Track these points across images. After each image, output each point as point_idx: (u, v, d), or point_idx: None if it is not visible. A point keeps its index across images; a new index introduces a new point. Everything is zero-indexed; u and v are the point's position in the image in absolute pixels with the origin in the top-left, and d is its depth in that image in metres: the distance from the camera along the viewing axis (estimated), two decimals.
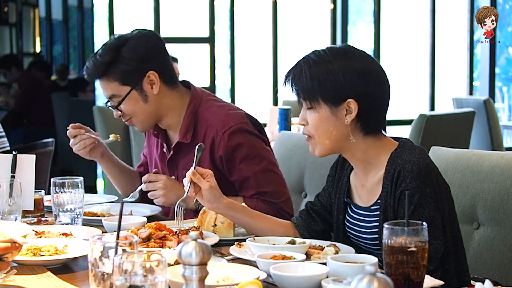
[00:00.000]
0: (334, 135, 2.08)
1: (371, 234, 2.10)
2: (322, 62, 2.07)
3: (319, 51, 2.11)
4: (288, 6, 8.22)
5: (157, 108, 2.67)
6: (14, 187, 2.29)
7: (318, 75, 2.05)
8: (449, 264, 1.99)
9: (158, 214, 2.68)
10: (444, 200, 2.03)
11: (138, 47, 2.63)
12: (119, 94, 2.63)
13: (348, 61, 2.07)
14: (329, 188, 2.27)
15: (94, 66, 2.63)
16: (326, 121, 2.07)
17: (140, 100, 2.64)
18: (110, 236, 1.62)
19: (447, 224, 2.01)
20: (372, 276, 1.26)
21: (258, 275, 1.69)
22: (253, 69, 8.32)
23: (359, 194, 2.17)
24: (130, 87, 2.63)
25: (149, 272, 1.33)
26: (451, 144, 3.40)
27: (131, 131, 5.08)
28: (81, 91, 7.80)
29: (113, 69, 2.61)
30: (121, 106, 2.65)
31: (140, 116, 2.67)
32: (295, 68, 2.12)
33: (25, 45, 7.95)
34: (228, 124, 2.61)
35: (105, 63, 2.61)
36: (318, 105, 2.06)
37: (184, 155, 2.69)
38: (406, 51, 8.68)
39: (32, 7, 7.91)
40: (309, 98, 2.07)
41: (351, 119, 2.06)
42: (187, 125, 2.66)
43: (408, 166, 2.00)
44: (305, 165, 3.01)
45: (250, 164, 2.61)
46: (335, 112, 2.06)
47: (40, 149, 3.74)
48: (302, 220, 2.28)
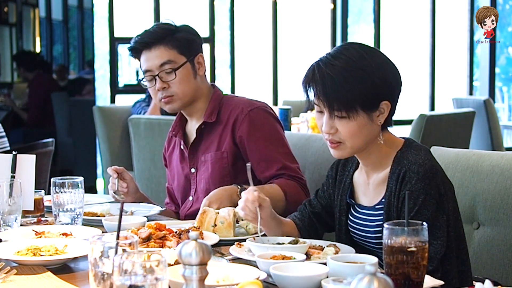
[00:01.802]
0: (368, 138, 2.05)
1: (375, 233, 2.10)
2: (355, 71, 1.99)
3: (339, 56, 2.02)
4: (288, 6, 8.22)
5: (198, 88, 2.78)
6: (14, 187, 2.29)
7: (358, 86, 1.98)
8: (450, 265, 1.98)
9: (158, 214, 2.68)
10: (449, 200, 2.03)
11: (193, 28, 2.83)
12: (176, 61, 2.72)
13: (376, 63, 2.03)
14: (329, 189, 2.26)
15: (153, 32, 2.75)
16: (364, 128, 2.02)
17: (191, 74, 2.76)
18: (110, 236, 1.62)
19: (451, 225, 2.01)
20: (372, 276, 1.26)
21: (258, 275, 1.69)
22: (253, 69, 8.32)
23: (364, 193, 2.16)
24: (185, 58, 2.74)
25: (149, 272, 1.33)
26: (451, 144, 3.40)
27: (131, 131, 5.08)
28: (81, 91, 7.80)
29: (174, 36, 2.74)
30: (175, 73, 2.71)
31: (185, 90, 2.73)
32: (323, 78, 2.00)
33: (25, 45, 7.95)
34: (254, 104, 2.75)
35: (166, 29, 2.75)
36: (355, 114, 2.00)
37: (207, 136, 2.77)
38: (406, 51, 8.68)
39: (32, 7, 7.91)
40: (345, 109, 2.00)
41: (384, 118, 2.05)
42: (212, 107, 2.77)
43: (414, 168, 1.99)
44: (305, 165, 3.01)
45: (274, 143, 2.70)
46: (371, 116, 2.03)
47: (40, 149, 3.74)
48: (304, 224, 2.28)
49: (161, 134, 4.82)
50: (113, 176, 2.73)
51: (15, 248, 1.99)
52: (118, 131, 5.62)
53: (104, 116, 5.60)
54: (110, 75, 7.15)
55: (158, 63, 2.71)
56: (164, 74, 2.71)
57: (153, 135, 4.94)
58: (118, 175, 2.73)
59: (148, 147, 4.98)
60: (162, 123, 4.81)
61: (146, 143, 4.98)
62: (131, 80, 7.35)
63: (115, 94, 7.13)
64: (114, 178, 2.72)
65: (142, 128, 4.99)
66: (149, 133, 4.97)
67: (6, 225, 2.28)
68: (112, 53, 7.08)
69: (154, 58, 2.71)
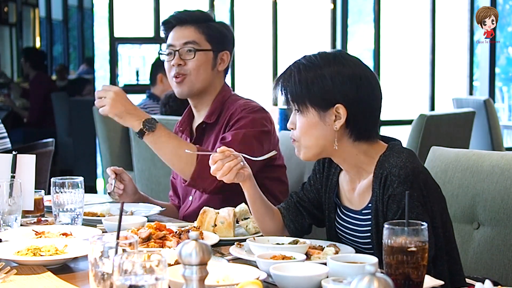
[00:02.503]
0: (320, 140, 2.08)
1: (363, 238, 2.11)
2: (311, 67, 2.08)
3: (310, 56, 2.12)
4: (288, 6, 8.22)
5: (211, 82, 2.78)
6: (14, 187, 2.29)
7: (307, 79, 2.07)
8: (442, 265, 1.99)
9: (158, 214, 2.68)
10: (435, 201, 2.03)
11: (230, 27, 2.87)
12: (200, 44, 2.75)
13: (338, 66, 2.07)
14: (317, 184, 2.26)
15: (191, 12, 2.79)
16: (314, 126, 2.07)
17: (210, 63, 2.78)
18: (110, 236, 1.62)
19: (438, 225, 2.01)
20: (372, 276, 1.26)
21: (258, 275, 1.69)
22: (253, 69, 8.32)
23: (350, 198, 2.17)
24: (211, 47, 2.77)
25: (149, 272, 1.33)
26: (451, 144, 3.40)
27: (131, 131, 5.08)
28: (81, 91, 7.80)
29: (209, 23, 2.78)
30: (195, 54, 2.73)
31: (198, 74, 2.75)
32: (285, 72, 2.14)
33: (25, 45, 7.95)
34: (249, 107, 2.72)
35: (205, 14, 2.80)
36: (306, 109, 2.07)
37: (206, 137, 2.78)
38: (406, 51, 8.67)
39: (32, 7, 7.91)
40: (297, 102, 2.08)
41: (340, 124, 2.06)
42: (214, 108, 2.77)
43: (395, 171, 2.00)
44: (305, 165, 3.01)
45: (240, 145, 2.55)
46: (323, 117, 2.06)
47: (40, 149, 3.74)
48: (289, 213, 2.27)
49: None
50: (111, 176, 2.73)
51: (15, 248, 1.99)
52: (118, 131, 5.61)
53: (104, 116, 5.59)
54: (110, 75, 7.15)
55: (183, 40, 2.75)
56: (185, 52, 2.75)
57: None
58: (116, 175, 2.73)
59: (148, 147, 4.95)
60: (162, 123, 4.80)
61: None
62: (131, 80, 7.36)
63: None
64: (111, 179, 2.72)
65: None
66: None
67: (6, 225, 2.28)
68: (112, 53, 7.08)
69: (182, 35, 2.75)
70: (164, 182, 4.75)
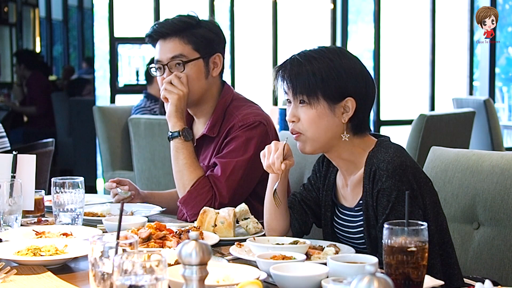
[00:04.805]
0: (328, 132, 2.09)
1: (357, 233, 2.13)
2: (323, 59, 2.07)
3: (313, 49, 2.12)
4: (288, 6, 8.22)
5: (207, 90, 2.71)
6: (14, 187, 2.29)
7: (321, 71, 2.06)
8: (434, 259, 1.98)
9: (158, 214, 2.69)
10: (426, 194, 2.04)
11: (217, 26, 2.75)
12: (188, 56, 2.66)
13: (347, 60, 2.10)
14: (318, 183, 2.28)
15: (172, 23, 2.68)
16: (323, 118, 2.08)
17: (203, 72, 2.69)
18: (110, 236, 1.62)
19: (430, 218, 2.02)
20: (372, 276, 1.26)
21: (258, 275, 1.69)
22: (253, 69, 8.32)
23: (344, 195, 2.19)
24: (199, 55, 2.67)
25: (149, 272, 1.33)
26: (451, 144, 3.40)
27: (131, 131, 5.09)
28: (81, 91, 7.81)
29: (192, 31, 2.68)
30: (184, 67, 2.65)
31: (193, 87, 2.66)
32: (291, 63, 2.10)
33: (25, 45, 7.96)
34: (248, 121, 2.64)
35: (186, 22, 2.68)
36: (316, 102, 2.07)
37: (205, 148, 2.74)
38: (406, 51, 8.67)
39: (32, 7, 7.92)
40: (308, 94, 2.07)
41: (348, 117, 2.07)
42: (216, 119, 2.70)
43: (383, 165, 2.01)
44: (305, 165, 3.01)
45: (230, 163, 2.60)
46: (333, 109, 2.08)
47: (40, 149, 3.74)
48: (294, 212, 2.28)
49: (161, 134, 4.82)
50: (112, 187, 2.77)
51: (15, 248, 1.99)
52: (118, 131, 5.62)
53: (104, 116, 5.60)
54: (110, 75, 7.15)
55: (170, 55, 2.66)
56: (174, 66, 2.67)
57: (153, 135, 4.95)
58: (116, 186, 2.76)
59: (148, 147, 4.98)
60: (162, 123, 4.81)
61: (146, 143, 4.98)
62: (131, 80, 7.36)
63: (115, 94, 7.13)
64: (114, 189, 2.77)
65: (142, 128, 4.99)
66: (149, 133, 4.97)
67: (7, 225, 2.28)
68: (112, 53, 7.08)
69: (167, 50, 2.67)
70: (164, 182, 4.75)
